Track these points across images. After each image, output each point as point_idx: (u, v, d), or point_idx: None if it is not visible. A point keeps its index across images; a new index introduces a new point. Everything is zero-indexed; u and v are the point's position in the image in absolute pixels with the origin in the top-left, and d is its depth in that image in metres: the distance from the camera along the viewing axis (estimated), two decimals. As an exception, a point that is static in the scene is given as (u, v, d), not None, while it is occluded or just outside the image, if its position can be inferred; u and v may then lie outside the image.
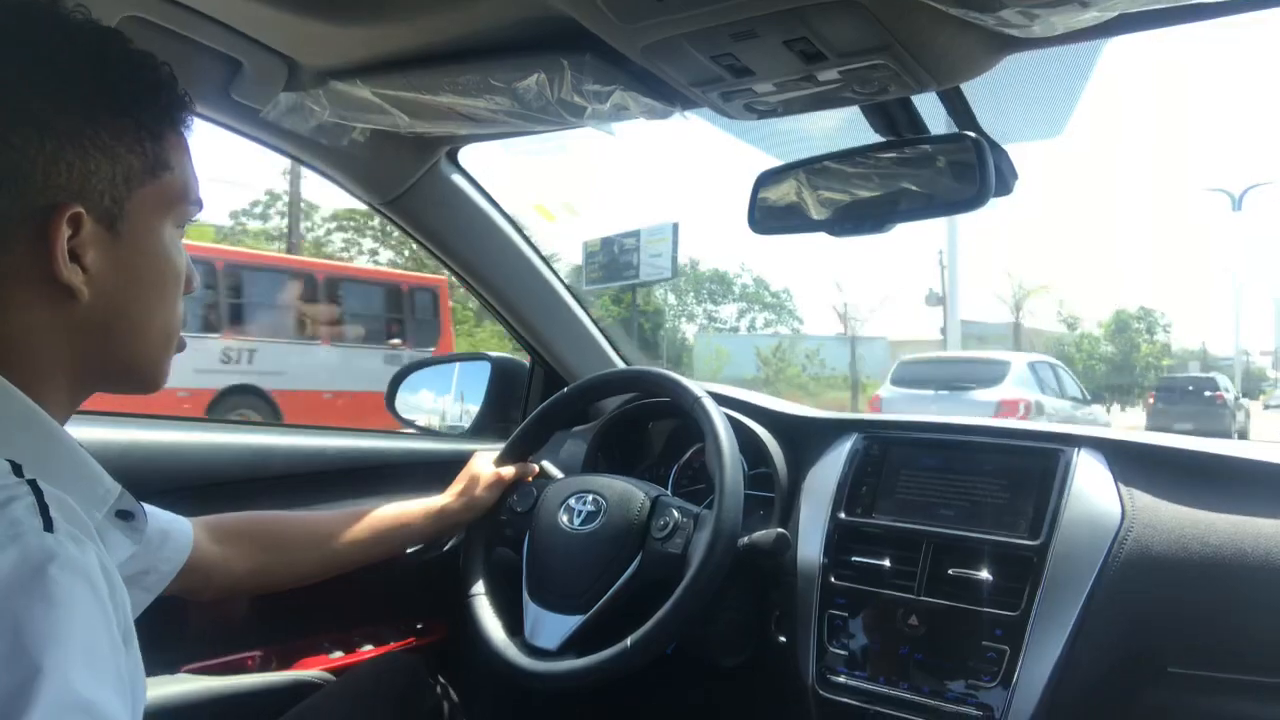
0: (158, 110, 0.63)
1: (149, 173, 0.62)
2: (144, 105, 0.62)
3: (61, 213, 0.57)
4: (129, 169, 0.61)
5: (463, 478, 1.25)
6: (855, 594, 1.14)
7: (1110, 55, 0.94)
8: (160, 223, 0.64)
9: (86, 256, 0.59)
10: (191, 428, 1.31)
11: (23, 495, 0.50)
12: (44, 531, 0.48)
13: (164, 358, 0.68)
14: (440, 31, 0.94)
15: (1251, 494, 1.02)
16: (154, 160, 0.63)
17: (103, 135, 0.59)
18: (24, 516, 0.48)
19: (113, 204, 0.60)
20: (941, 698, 1.05)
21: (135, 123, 0.61)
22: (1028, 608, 1.02)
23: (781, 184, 1.06)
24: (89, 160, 0.59)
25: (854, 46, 0.81)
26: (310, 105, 1.07)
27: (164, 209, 0.64)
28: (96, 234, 0.59)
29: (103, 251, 0.60)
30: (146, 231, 0.63)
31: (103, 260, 0.60)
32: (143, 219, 0.62)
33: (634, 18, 0.79)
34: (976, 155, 0.92)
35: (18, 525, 0.47)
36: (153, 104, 0.63)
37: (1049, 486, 1.09)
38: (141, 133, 0.62)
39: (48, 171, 0.57)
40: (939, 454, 1.21)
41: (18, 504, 0.49)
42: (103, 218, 0.60)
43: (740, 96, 0.93)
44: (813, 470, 1.28)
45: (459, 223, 1.42)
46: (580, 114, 0.99)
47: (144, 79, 0.63)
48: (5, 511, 0.48)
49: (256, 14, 0.92)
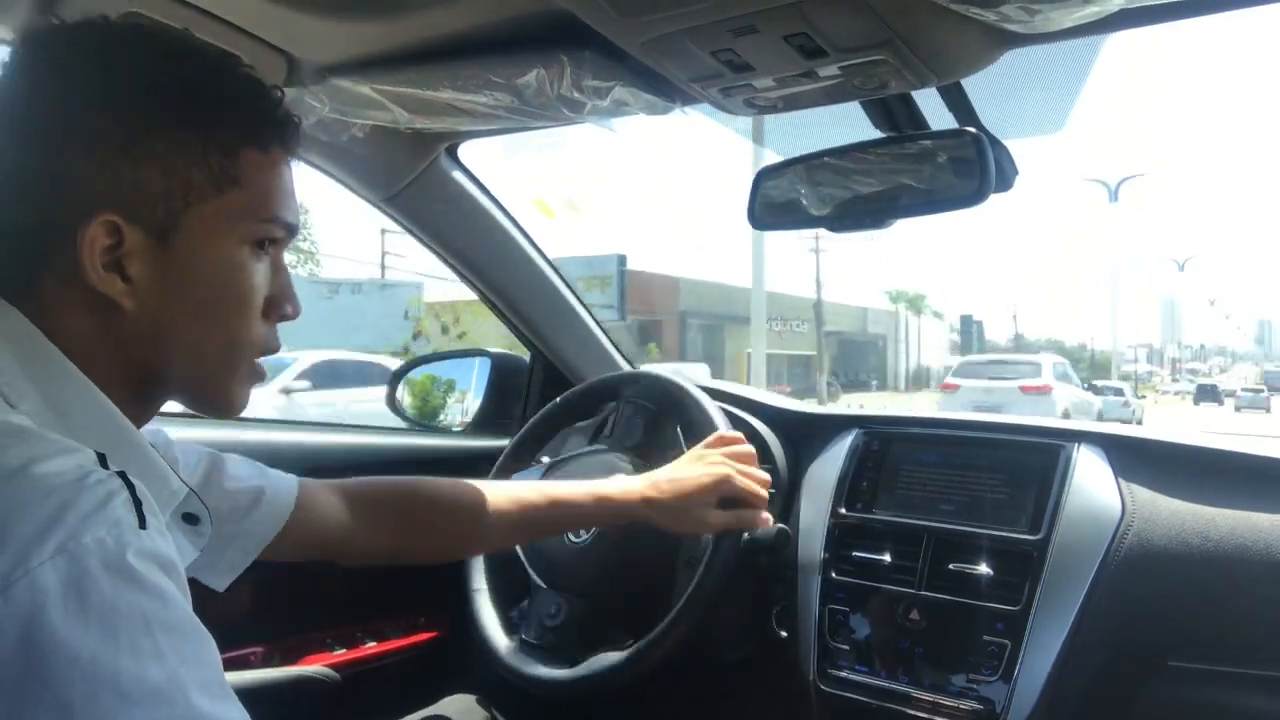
0: (230, 124, 0.61)
1: (214, 187, 0.60)
2: (213, 118, 0.61)
3: (96, 221, 0.56)
4: (188, 183, 0.59)
5: (673, 482, 1.04)
6: (856, 589, 1.15)
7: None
8: (222, 239, 0.62)
9: (131, 267, 0.58)
10: (194, 425, 1.31)
11: (119, 490, 0.49)
12: (139, 529, 0.48)
13: (229, 382, 0.66)
14: (440, 27, 0.93)
15: (1251, 489, 1.02)
16: (220, 175, 0.61)
17: (159, 146, 0.58)
18: (123, 514, 0.48)
19: (166, 216, 0.59)
20: (942, 692, 1.05)
21: (201, 136, 0.60)
22: (1028, 602, 1.02)
23: (782, 180, 1.06)
24: (140, 171, 0.57)
25: (854, 42, 0.81)
26: (310, 101, 1.07)
27: (229, 225, 0.62)
28: (145, 245, 0.58)
29: (150, 264, 0.59)
30: (205, 247, 0.61)
31: (150, 273, 0.59)
32: (201, 234, 0.61)
33: (634, 13, 0.79)
34: (977, 151, 0.92)
35: (119, 524, 0.47)
36: (225, 117, 0.61)
37: (1049, 481, 1.09)
38: (209, 147, 0.60)
39: (94, 180, 0.57)
40: (939, 449, 1.21)
41: (116, 500, 0.48)
42: (153, 229, 0.59)
43: (740, 92, 0.93)
44: (813, 466, 1.28)
45: (459, 219, 1.41)
46: (580, 109, 0.99)
47: (215, 90, 0.61)
48: (107, 510, 0.47)
49: (255, 10, 0.92)
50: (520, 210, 1.46)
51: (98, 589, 0.45)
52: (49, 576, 0.44)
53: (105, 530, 0.47)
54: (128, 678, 0.43)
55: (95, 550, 0.46)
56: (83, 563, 0.45)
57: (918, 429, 1.27)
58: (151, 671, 0.44)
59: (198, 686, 0.46)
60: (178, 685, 0.45)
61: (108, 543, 0.46)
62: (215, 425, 1.36)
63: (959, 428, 1.26)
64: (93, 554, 0.45)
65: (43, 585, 0.43)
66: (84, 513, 0.47)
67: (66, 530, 0.45)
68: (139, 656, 0.44)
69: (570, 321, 1.57)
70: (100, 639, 0.44)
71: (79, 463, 0.50)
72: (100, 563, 0.45)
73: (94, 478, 0.49)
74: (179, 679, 0.45)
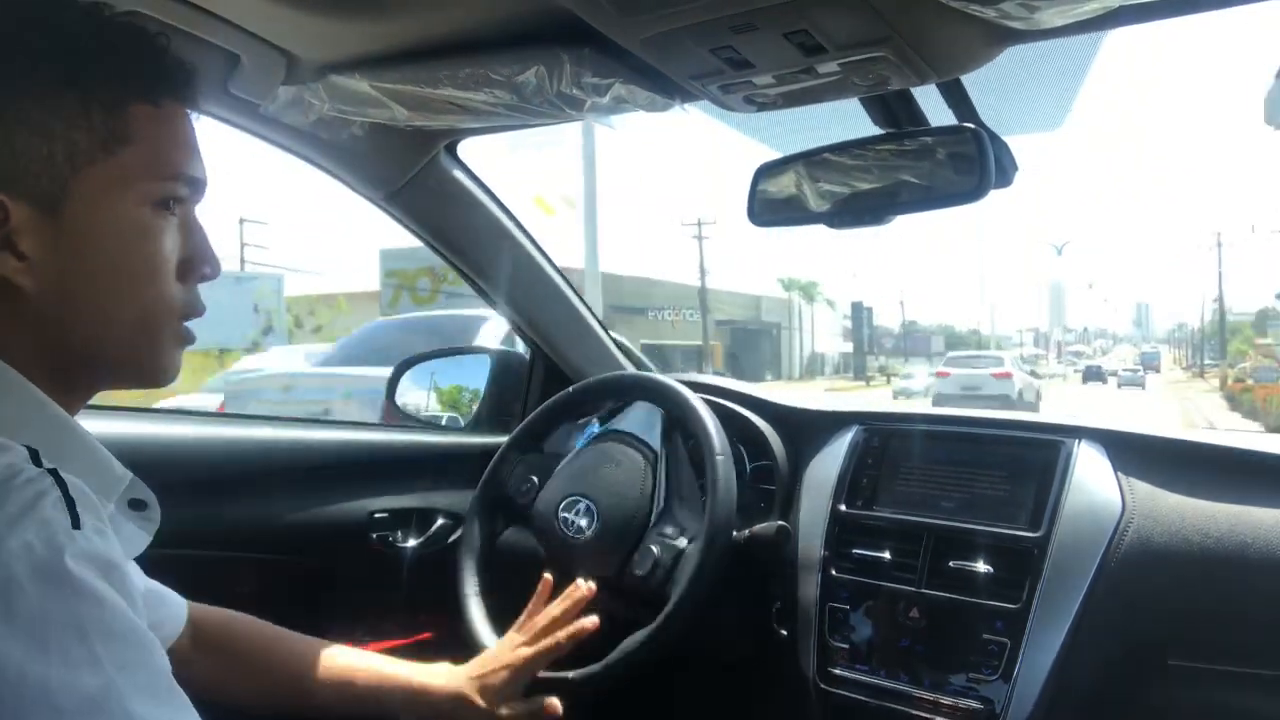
0: (112, 79, 0.56)
1: (101, 149, 0.56)
2: (91, 74, 0.55)
3: None
4: (71, 146, 0.55)
5: (476, 669, 1.01)
6: (856, 587, 1.14)
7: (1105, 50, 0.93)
8: (118, 202, 0.57)
9: (22, 243, 0.54)
10: (195, 422, 1.32)
11: (49, 490, 0.47)
12: (72, 530, 0.46)
13: (153, 349, 0.61)
14: (439, 25, 0.93)
15: (1252, 485, 1.02)
16: (107, 135, 0.56)
17: (34, 112, 0.54)
18: (53, 515, 0.46)
19: (52, 184, 0.54)
20: (942, 690, 1.05)
21: (80, 95, 0.55)
22: (1028, 600, 1.02)
23: (781, 176, 1.06)
24: (14, 140, 0.53)
25: (854, 39, 0.81)
26: (309, 99, 1.07)
27: (122, 187, 0.57)
28: (34, 218, 0.54)
29: (43, 238, 0.54)
30: (99, 212, 0.56)
31: (45, 247, 0.54)
32: (95, 200, 0.56)
33: (633, 10, 0.79)
34: (977, 147, 0.92)
35: (48, 526, 0.46)
36: (104, 72, 0.56)
37: (1049, 478, 1.09)
38: (90, 106, 0.55)
39: None
40: (939, 446, 1.21)
41: (46, 500, 0.47)
42: (41, 201, 0.54)
43: (740, 89, 0.93)
44: (813, 462, 1.28)
45: (459, 216, 1.41)
46: (579, 107, 0.98)
47: (91, 44, 0.56)
48: (35, 512, 0.46)
49: (255, 8, 0.92)
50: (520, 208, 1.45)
51: (24, 598, 0.43)
52: None
53: (33, 533, 0.45)
54: (59, 689, 0.42)
55: (21, 555, 0.44)
56: (8, 569, 0.43)
57: (918, 425, 1.27)
58: (86, 680, 0.43)
59: (138, 692, 0.44)
60: (114, 693, 0.43)
61: (35, 547, 0.44)
62: (203, 422, 1.36)
63: (959, 424, 1.26)
64: (19, 559, 0.44)
65: None
66: (9, 516, 0.45)
67: None
68: (71, 666, 0.43)
69: (570, 319, 1.57)
70: (28, 649, 0.42)
71: (8, 462, 0.48)
72: (28, 568, 0.43)
73: (22, 477, 0.47)
74: (115, 687, 0.43)
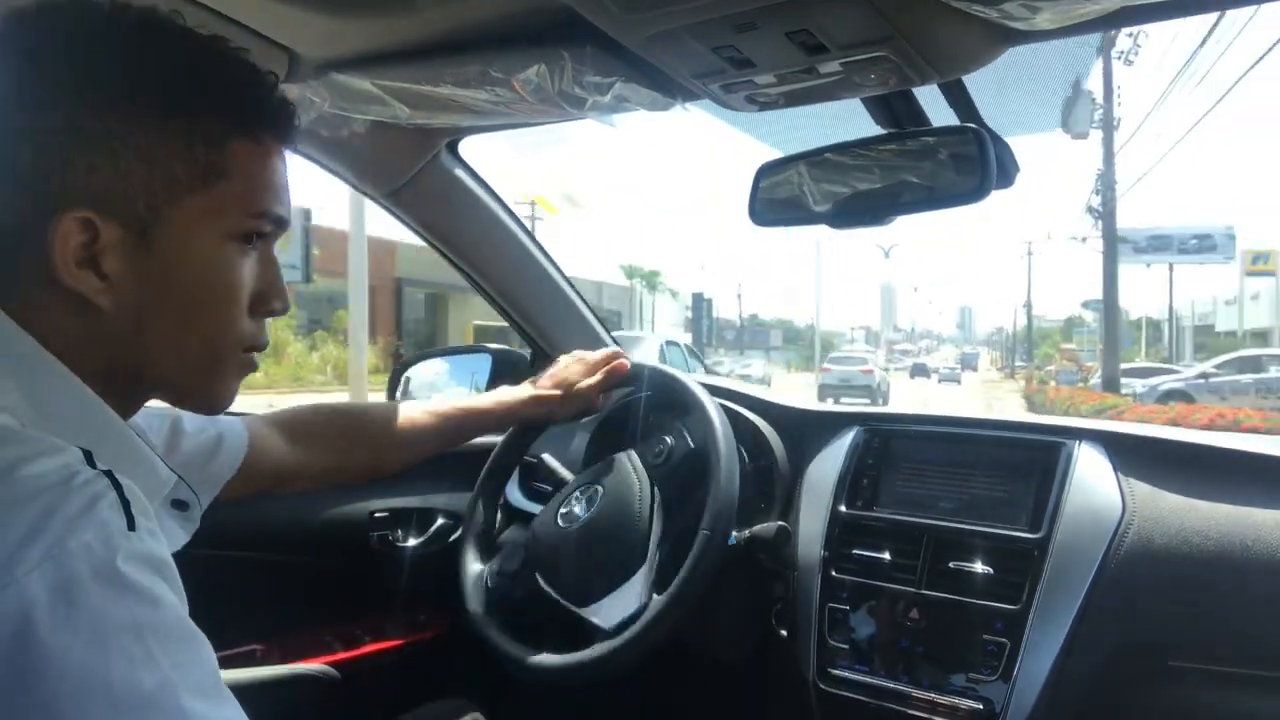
0: (217, 112, 0.59)
1: (200, 180, 0.58)
2: (198, 105, 0.58)
3: (67, 217, 0.54)
4: (170, 176, 0.57)
5: (551, 377, 1.24)
6: (856, 587, 1.14)
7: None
8: (206, 233, 0.59)
9: (107, 264, 0.56)
10: None
11: (105, 491, 0.48)
12: (128, 531, 0.47)
13: (216, 377, 0.63)
14: (440, 23, 0.93)
15: (1253, 486, 1.02)
16: (207, 167, 0.58)
17: (139, 139, 0.55)
18: (110, 516, 0.47)
19: (147, 211, 0.56)
20: (942, 691, 1.05)
21: (184, 126, 0.57)
22: (1028, 601, 1.02)
23: (782, 176, 1.06)
24: (120, 164, 0.55)
25: (856, 39, 0.81)
26: (311, 97, 1.07)
27: (212, 219, 0.59)
28: (122, 241, 0.56)
29: (128, 262, 0.56)
30: (186, 242, 0.58)
31: (129, 270, 0.56)
32: (185, 230, 0.58)
33: (635, 9, 0.78)
34: (978, 147, 0.92)
35: (106, 527, 0.46)
36: (211, 104, 0.58)
37: (1050, 479, 1.09)
38: (194, 137, 0.57)
39: (69, 174, 0.54)
40: (939, 447, 1.21)
41: (103, 502, 0.47)
42: (131, 225, 0.56)
43: (741, 88, 0.92)
44: (813, 463, 1.28)
45: (460, 214, 1.41)
46: (581, 105, 0.98)
47: (201, 75, 0.58)
48: (94, 513, 0.46)
49: (257, 6, 0.92)
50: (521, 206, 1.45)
51: (86, 597, 0.44)
52: (36, 585, 0.43)
53: (92, 535, 0.45)
54: (119, 686, 0.43)
55: (83, 556, 0.44)
56: (71, 570, 0.44)
57: (918, 426, 1.27)
58: (143, 678, 0.44)
59: (191, 690, 0.45)
60: (170, 691, 0.44)
61: (95, 548, 0.45)
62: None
63: (959, 425, 1.25)
64: (81, 560, 0.44)
65: (30, 594, 0.42)
66: (70, 517, 0.45)
67: (53, 536, 0.44)
68: (130, 664, 0.44)
69: (570, 317, 1.57)
70: (90, 648, 0.43)
71: (65, 463, 0.49)
72: (89, 569, 0.44)
73: (80, 479, 0.48)
74: (171, 684, 0.44)
